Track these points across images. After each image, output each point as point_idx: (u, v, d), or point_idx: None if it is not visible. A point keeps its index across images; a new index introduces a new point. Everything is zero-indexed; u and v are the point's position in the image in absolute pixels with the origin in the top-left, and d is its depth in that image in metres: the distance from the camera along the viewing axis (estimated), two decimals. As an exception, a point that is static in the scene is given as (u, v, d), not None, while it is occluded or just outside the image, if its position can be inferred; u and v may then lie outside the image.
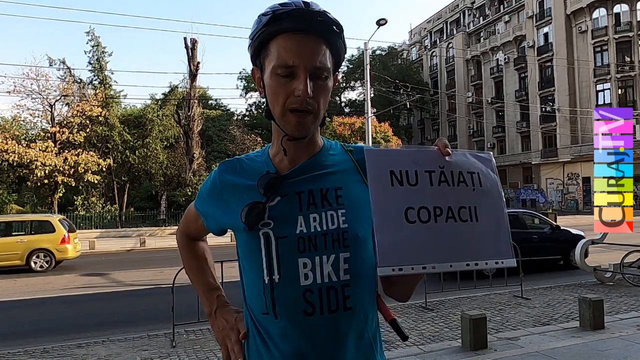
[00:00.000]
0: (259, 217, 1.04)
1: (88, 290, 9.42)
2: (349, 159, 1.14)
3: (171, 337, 5.54)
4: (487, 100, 45.41)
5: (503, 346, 4.85)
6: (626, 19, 34.97)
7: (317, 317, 1.01)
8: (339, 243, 1.03)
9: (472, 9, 49.76)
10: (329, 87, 1.05)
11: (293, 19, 0.99)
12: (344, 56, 1.11)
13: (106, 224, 27.96)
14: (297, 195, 1.06)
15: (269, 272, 1.03)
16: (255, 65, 1.09)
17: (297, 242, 1.03)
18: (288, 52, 0.99)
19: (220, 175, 1.14)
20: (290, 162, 1.10)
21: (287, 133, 1.05)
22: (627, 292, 7.52)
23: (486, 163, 0.96)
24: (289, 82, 1.00)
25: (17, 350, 5.46)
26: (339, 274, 1.02)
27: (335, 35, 1.04)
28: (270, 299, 1.03)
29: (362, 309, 1.06)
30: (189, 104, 30.00)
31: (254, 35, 1.04)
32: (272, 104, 1.04)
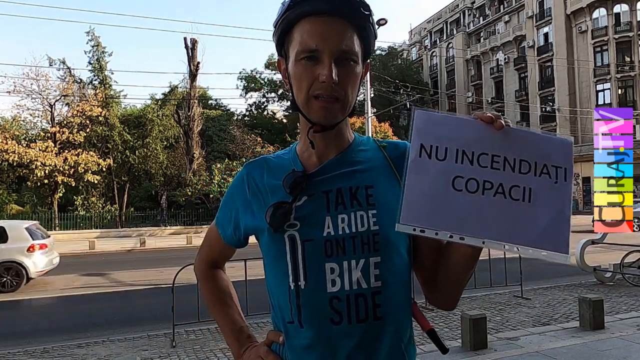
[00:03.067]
0: (284, 218, 0.97)
1: (88, 290, 9.41)
2: (382, 156, 1.05)
3: (171, 337, 5.54)
4: (487, 100, 45.41)
5: (503, 346, 4.85)
6: (626, 19, 34.97)
7: (345, 327, 0.94)
8: (369, 246, 0.95)
9: (472, 9, 49.76)
10: (356, 73, 0.98)
11: (316, 1, 0.93)
12: (375, 42, 1.03)
13: (106, 224, 27.98)
14: (325, 195, 0.99)
15: (295, 278, 0.96)
16: (281, 55, 1.04)
17: (324, 246, 0.96)
18: (311, 36, 0.93)
19: (246, 176, 1.08)
20: (318, 158, 1.03)
21: (313, 122, 0.98)
22: (627, 292, 7.52)
23: (562, 148, 0.85)
24: (313, 67, 0.94)
25: (17, 350, 5.45)
26: (369, 281, 0.95)
27: (362, 17, 0.96)
28: (295, 307, 0.97)
29: (394, 318, 0.97)
30: (189, 104, 30.03)
31: (276, 22, 0.99)
32: (297, 92, 0.98)
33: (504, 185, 0.82)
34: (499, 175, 0.82)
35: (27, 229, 10.15)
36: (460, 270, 0.94)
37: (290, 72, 0.99)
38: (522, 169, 0.83)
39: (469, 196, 0.81)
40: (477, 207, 0.81)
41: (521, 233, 0.81)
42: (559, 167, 0.83)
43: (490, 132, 0.83)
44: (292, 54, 0.97)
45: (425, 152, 0.83)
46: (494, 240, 0.80)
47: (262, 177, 1.05)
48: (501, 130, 0.83)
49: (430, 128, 0.84)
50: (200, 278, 1.23)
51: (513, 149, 0.83)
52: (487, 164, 0.82)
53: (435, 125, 0.84)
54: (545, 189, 0.83)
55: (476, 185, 0.82)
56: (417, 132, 0.84)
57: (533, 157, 0.83)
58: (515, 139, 0.84)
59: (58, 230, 25.61)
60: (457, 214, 0.81)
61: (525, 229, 0.81)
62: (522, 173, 0.82)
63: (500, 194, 0.82)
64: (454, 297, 1.02)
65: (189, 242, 19.44)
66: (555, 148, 0.84)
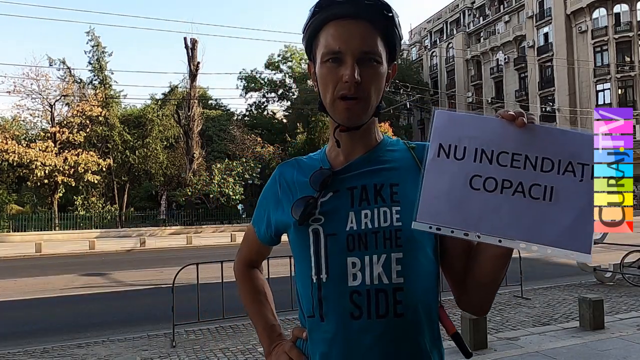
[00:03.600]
0: (309, 212, 1.00)
1: (88, 290, 9.41)
2: (410, 157, 1.07)
3: (171, 337, 5.54)
4: (487, 100, 45.42)
5: (503, 346, 4.85)
6: (626, 19, 34.97)
7: (364, 322, 0.95)
8: (391, 242, 0.96)
9: (472, 9, 49.76)
10: (380, 74, 1.00)
11: (339, 5, 0.97)
12: (400, 43, 1.05)
13: (106, 224, 27.98)
14: (349, 191, 1.02)
15: (317, 271, 0.99)
16: (310, 59, 1.08)
17: (346, 240, 0.98)
18: (335, 38, 0.97)
19: (279, 176, 1.13)
20: (345, 157, 1.06)
21: (338, 122, 1.02)
22: (627, 292, 7.52)
23: (585, 144, 0.83)
24: (337, 68, 0.97)
25: (17, 350, 5.45)
26: (390, 276, 0.95)
27: (386, 19, 0.99)
28: (317, 300, 0.99)
29: (416, 316, 0.97)
30: (189, 104, 30.04)
31: (304, 28, 1.03)
32: (323, 93, 1.01)
33: (523, 184, 0.81)
34: (519, 173, 0.81)
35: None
36: (490, 273, 0.94)
37: (317, 74, 1.03)
38: (545, 167, 0.82)
39: (486, 195, 0.81)
40: (494, 206, 0.81)
41: (541, 232, 0.80)
42: (585, 164, 0.81)
43: (512, 130, 0.83)
44: (318, 57, 1.02)
45: (444, 151, 0.83)
46: (511, 238, 0.80)
47: (293, 176, 1.10)
48: (524, 128, 0.82)
49: (449, 128, 0.84)
50: (238, 277, 1.28)
51: (536, 147, 0.82)
52: (506, 163, 0.82)
53: (455, 125, 0.85)
54: (569, 188, 0.81)
55: (494, 184, 0.81)
56: (436, 132, 0.84)
57: (557, 154, 0.82)
58: (539, 136, 0.82)
59: (58, 230, 25.62)
60: (473, 213, 0.81)
61: (545, 228, 0.80)
62: (544, 171, 0.81)
63: (519, 193, 0.81)
64: (485, 301, 1.01)
65: (189, 242, 19.45)
66: (579, 145, 0.82)
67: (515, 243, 0.80)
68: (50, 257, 16.34)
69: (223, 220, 28.75)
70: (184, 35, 32.57)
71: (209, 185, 28.20)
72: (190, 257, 12.62)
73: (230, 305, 5.57)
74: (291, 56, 47.31)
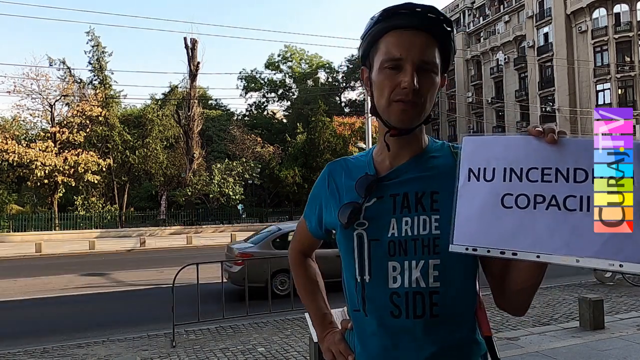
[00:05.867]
0: (354, 217, 1.06)
1: (88, 290, 9.42)
2: (453, 162, 1.06)
3: (171, 337, 5.54)
4: (487, 100, 45.42)
5: (503, 346, 4.85)
6: (626, 19, 34.96)
7: (403, 320, 1.02)
8: (429, 249, 1.02)
9: (472, 9, 49.77)
10: (436, 83, 1.04)
11: (403, 16, 1.01)
12: (454, 56, 1.10)
13: (106, 224, 27.98)
14: (392, 198, 1.07)
15: (361, 272, 1.06)
16: (365, 65, 1.12)
17: (387, 246, 1.04)
18: (396, 46, 1.01)
19: (328, 175, 1.19)
20: (391, 161, 1.10)
21: (391, 124, 1.04)
22: (627, 292, 7.52)
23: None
24: (396, 74, 1.01)
25: (17, 350, 5.46)
26: (427, 280, 1.01)
27: (445, 33, 1.04)
28: (361, 298, 1.06)
29: (451, 318, 1.03)
30: (189, 104, 30.05)
31: (365, 34, 1.07)
32: (378, 97, 1.05)
33: (557, 197, 0.80)
34: (552, 187, 0.81)
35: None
36: (525, 280, 0.96)
37: (373, 79, 1.07)
38: (578, 178, 0.80)
39: (519, 212, 0.81)
40: (529, 222, 0.80)
41: (581, 244, 0.77)
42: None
43: (540, 146, 0.83)
44: (376, 63, 1.05)
45: (474, 175, 0.86)
46: (550, 253, 0.78)
47: (341, 177, 1.16)
48: (554, 143, 0.82)
49: (478, 152, 0.86)
50: (292, 266, 1.37)
51: (567, 159, 0.81)
52: (537, 178, 0.82)
53: (484, 148, 0.87)
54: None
55: (527, 201, 0.82)
56: (466, 158, 0.87)
57: (590, 164, 0.81)
58: (570, 149, 0.82)
59: (58, 230, 25.62)
60: (507, 231, 0.81)
61: (585, 239, 0.77)
62: (577, 182, 0.80)
63: (553, 206, 0.80)
64: (521, 304, 1.04)
65: (189, 242, 19.45)
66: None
67: (555, 257, 0.78)
68: (50, 257, 16.35)
69: (223, 220, 28.75)
70: (184, 35, 32.59)
71: (209, 185, 28.21)
72: (190, 257, 12.62)
73: (230, 305, 5.57)
74: (291, 56, 47.33)
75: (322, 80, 52.54)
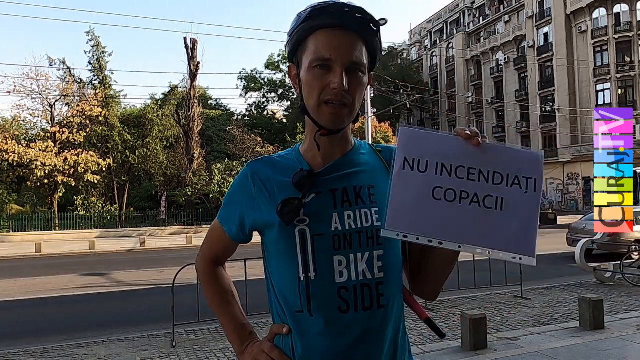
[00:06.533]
0: (295, 214, 1.03)
1: (88, 290, 9.41)
2: (379, 159, 1.15)
3: (171, 337, 5.54)
4: (487, 100, 45.41)
5: (503, 346, 4.85)
6: (626, 19, 34.95)
7: (352, 314, 1.02)
8: (373, 241, 1.04)
9: (472, 9, 49.75)
10: (364, 83, 1.06)
11: (331, 15, 1.01)
12: (380, 55, 1.11)
13: (106, 224, 27.97)
14: (332, 193, 1.07)
15: (305, 270, 1.03)
16: (292, 62, 1.11)
17: (332, 240, 1.03)
18: (325, 46, 1.01)
19: (251, 174, 1.12)
20: (323, 159, 1.10)
21: (322, 125, 1.05)
22: (627, 292, 7.52)
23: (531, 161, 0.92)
24: (325, 75, 1.01)
25: (17, 350, 5.45)
26: (373, 272, 1.03)
27: (372, 32, 1.05)
28: (305, 297, 1.03)
29: (394, 306, 1.07)
30: (189, 104, 30.04)
31: (292, 31, 1.06)
32: (307, 97, 1.05)
33: (478, 195, 0.90)
34: (475, 185, 0.90)
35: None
36: (440, 268, 1.06)
37: (302, 78, 1.06)
38: (495, 180, 0.90)
39: (447, 205, 0.89)
40: (454, 215, 0.89)
41: (493, 238, 0.88)
42: (529, 178, 0.91)
43: (468, 147, 0.91)
44: (305, 62, 1.05)
45: (409, 164, 0.91)
46: (469, 244, 0.88)
47: (268, 174, 1.11)
48: (479, 146, 0.91)
49: (413, 143, 0.92)
50: (202, 275, 1.26)
51: (488, 162, 0.91)
52: (463, 176, 0.90)
53: (419, 140, 0.93)
54: (516, 198, 0.90)
55: (454, 195, 0.90)
56: (401, 147, 0.92)
57: (506, 169, 0.91)
58: (491, 153, 0.92)
59: (58, 230, 25.62)
60: (436, 221, 0.88)
61: (496, 234, 0.88)
62: (495, 184, 0.90)
63: (475, 203, 0.90)
64: (435, 290, 1.13)
65: (189, 242, 19.44)
66: (526, 161, 0.92)
67: (473, 248, 0.88)
68: (50, 257, 16.35)
69: (223, 220, 28.63)
70: (184, 35, 32.63)
71: (209, 185, 28.18)
72: (190, 257, 12.56)
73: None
74: (291, 56, 47.19)
75: (322, 80, 52.40)
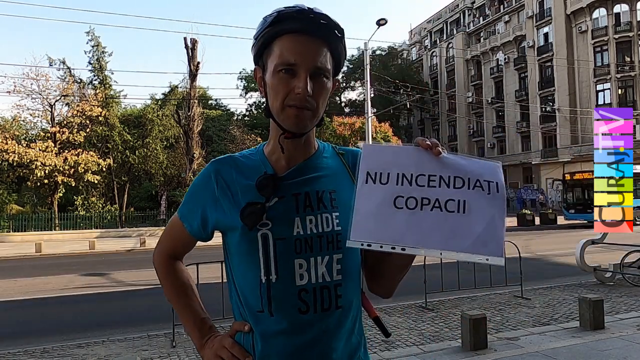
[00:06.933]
0: (258, 218, 1.05)
1: (88, 290, 9.41)
2: (341, 163, 1.18)
3: (171, 337, 5.54)
4: (487, 100, 45.40)
5: (503, 346, 4.84)
6: (626, 19, 34.97)
7: (311, 315, 1.05)
8: (333, 245, 1.07)
9: (472, 9, 49.76)
10: (328, 88, 1.08)
11: (297, 21, 1.03)
12: (344, 61, 1.14)
13: (106, 224, 27.95)
14: (294, 197, 1.09)
15: (266, 272, 1.05)
16: (258, 65, 1.12)
17: (294, 244, 1.06)
18: (290, 51, 1.03)
19: (214, 173, 1.13)
20: (287, 162, 1.12)
21: (286, 129, 1.07)
22: (627, 292, 7.52)
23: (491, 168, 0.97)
24: (290, 79, 1.03)
25: (17, 350, 5.45)
26: (332, 274, 1.07)
27: (336, 39, 1.07)
28: (266, 298, 1.05)
29: (352, 306, 1.11)
30: (189, 104, 30.00)
31: (258, 35, 1.08)
32: (272, 100, 1.07)
33: (440, 200, 0.93)
34: (435, 191, 0.94)
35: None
36: (395, 271, 1.10)
37: (267, 82, 1.08)
38: (457, 184, 0.94)
39: (408, 212, 0.93)
40: (416, 221, 0.92)
41: (457, 241, 0.90)
42: (490, 181, 0.95)
43: (428, 157, 0.96)
44: (270, 65, 1.06)
45: (371, 178, 0.95)
46: (432, 248, 0.90)
47: (232, 176, 1.12)
48: (439, 156, 0.96)
49: (375, 158, 0.97)
50: (161, 270, 1.26)
51: (448, 169, 0.95)
52: (424, 184, 0.94)
53: (380, 155, 0.97)
54: (479, 200, 0.93)
55: (415, 202, 0.93)
56: (364, 162, 0.96)
57: (466, 174, 0.95)
58: (450, 161, 0.96)
59: (58, 230, 25.61)
60: (398, 229, 0.91)
61: (461, 237, 0.91)
62: (456, 188, 0.94)
63: (437, 208, 0.93)
64: (390, 289, 1.17)
65: (189, 242, 19.41)
66: (485, 168, 0.96)
67: (436, 252, 0.90)
68: (50, 257, 16.34)
69: (223, 220, 28.64)
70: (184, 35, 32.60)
71: (209, 185, 28.14)
72: (190, 257, 12.54)
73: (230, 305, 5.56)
74: (291, 56, 47.20)
75: (322, 80, 52.43)
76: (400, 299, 7.11)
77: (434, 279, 6.75)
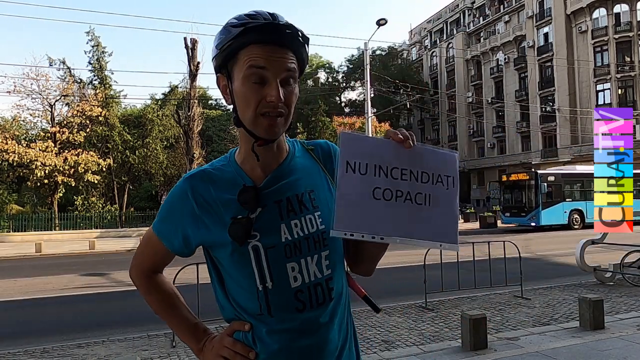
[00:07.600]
0: (247, 233, 1.07)
1: (88, 290, 9.41)
2: (313, 159, 1.21)
3: (171, 337, 5.54)
4: (487, 100, 45.41)
5: (503, 346, 4.84)
6: (626, 19, 34.97)
7: (308, 312, 1.10)
8: (320, 244, 1.12)
9: (472, 9, 49.77)
10: (296, 93, 1.11)
11: (263, 32, 1.04)
12: (307, 64, 1.17)
13: (106, 224, 27.97)
14: (277, 205, 1.11)
15: (262, 281, 1.09)
16: (221, 73, 1.12)
17: (284, 249, 1.09)
18: (260, 61, 1.04)
19: (191, 191, 1.11)
20: (263, 169, 1.13)
21: (259, 137, 1.08)
22: (627, 292, 7.51)
23: (450, 161, 1.06)
24: (261, 88, 1.05)
25: (17, 350, 5.45)
26: (322, 271, 1.12)
27: (300, 45, 1.10)
28: (265, 303, 1.09)
29: (342, 295, 1.17)
30: (189, 104, 29.99)
31: (223, 45, 1.07)
32: (243, 110, 1.07)
33: (411, 193, 1.01)
34: (407, 184, 1.01)
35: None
36: (374, 255, 1.20)
37: (235, 91, 1.08)
38: (423, 179, 1.03)
39: (385, 203, 0.99)
40: (391, 212, 0.99)
41: (423, 230, 1.00)
42: (448, 176, 1.05)
43: (400, 150, 1.02)
44: (237, 75, 1.07)
45: (351, 167, 0.99)
46: (406, 237, 0.99)
47: (210, 191, 1.11)
48: (410, 148, 1.01)
49: (353, 147, 1.00)
50: (142, 286, 1.28)
51: (417, 164, 1.03)
52: (397, 176, 1.01)
53: (358, 144, 1.01)
54: (441, 194, 1.03)
55: (391, 194, 1.00)
56: (344, 151, 0.99)
57: (431, 169, 1.04)
58: (419, 154, 1.03)
59: (58, 230, 25.62)
60: (377, 219, 0.98)
61: (426, 227, 1.00)
62: (423, 182, 1.02)
63: (408, 200, 1.01)
64: (370, 270, 1.25)
65: (189, 242, 19.41)
66: (446, 161, 1.05)
67: (410, 241, 0.99)
68: (50, 257, 16.35)
69: (223, 220, 28.62)
70: (184, 35, 32.60)
71: (209, 185, 28.17)
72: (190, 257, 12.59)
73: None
74: (291, 56, 47.17)
75: (322, 80, 52.54)
76: (400, 299, 7.12)
77: (434, 279, 6.75)
